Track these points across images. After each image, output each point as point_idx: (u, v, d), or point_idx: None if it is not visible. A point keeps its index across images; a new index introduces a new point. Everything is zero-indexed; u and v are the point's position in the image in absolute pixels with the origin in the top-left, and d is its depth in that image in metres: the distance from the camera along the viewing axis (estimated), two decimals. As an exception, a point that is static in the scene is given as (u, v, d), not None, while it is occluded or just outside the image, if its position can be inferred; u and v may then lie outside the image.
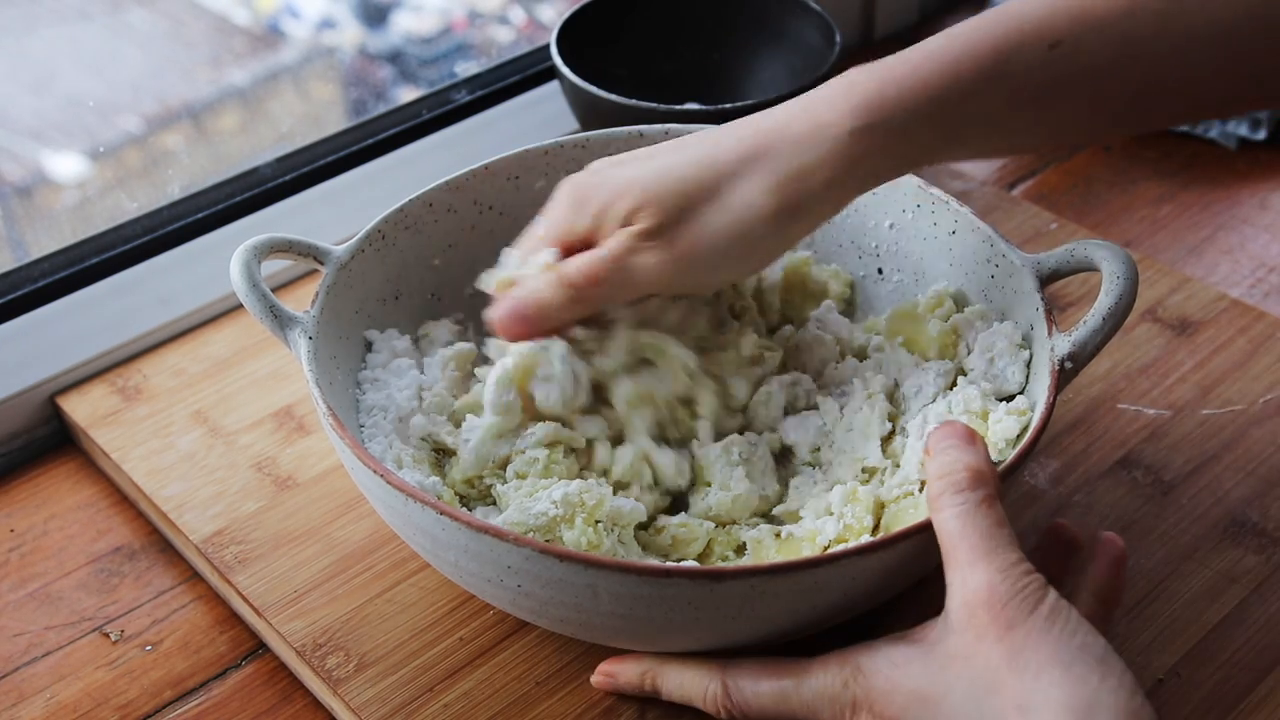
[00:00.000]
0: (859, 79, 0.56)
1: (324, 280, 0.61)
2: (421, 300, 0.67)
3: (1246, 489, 0.67)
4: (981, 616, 0.48)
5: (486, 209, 0.69)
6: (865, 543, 0.51)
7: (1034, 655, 0.47)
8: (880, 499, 0.58)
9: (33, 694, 0.61)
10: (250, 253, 0.60)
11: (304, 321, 0.59)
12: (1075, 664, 0.46)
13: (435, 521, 0.52)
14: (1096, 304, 0.58)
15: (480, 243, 0.69)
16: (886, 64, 0.56)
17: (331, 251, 0.62)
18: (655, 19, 0.90)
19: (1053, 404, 0.56)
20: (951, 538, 0.50)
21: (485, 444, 0.60)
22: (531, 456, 0.59)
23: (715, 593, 0.50)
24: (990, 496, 0.51)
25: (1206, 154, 0.93)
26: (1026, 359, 0.61)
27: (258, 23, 1.24)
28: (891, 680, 0.50)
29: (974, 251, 0.65)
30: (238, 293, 0.59)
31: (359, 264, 0.63)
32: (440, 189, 0.67)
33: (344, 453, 0.55)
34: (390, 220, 0.65)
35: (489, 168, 0.68)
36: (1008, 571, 0.49)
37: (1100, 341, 0.58)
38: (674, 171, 0.57)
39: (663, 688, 0.55)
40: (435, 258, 0.68)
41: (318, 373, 0.57)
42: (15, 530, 0.68)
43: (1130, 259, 0.59)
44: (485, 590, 0.54)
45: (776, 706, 0.52)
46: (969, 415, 0.59)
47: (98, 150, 0.99)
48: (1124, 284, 0.58)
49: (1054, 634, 0.47)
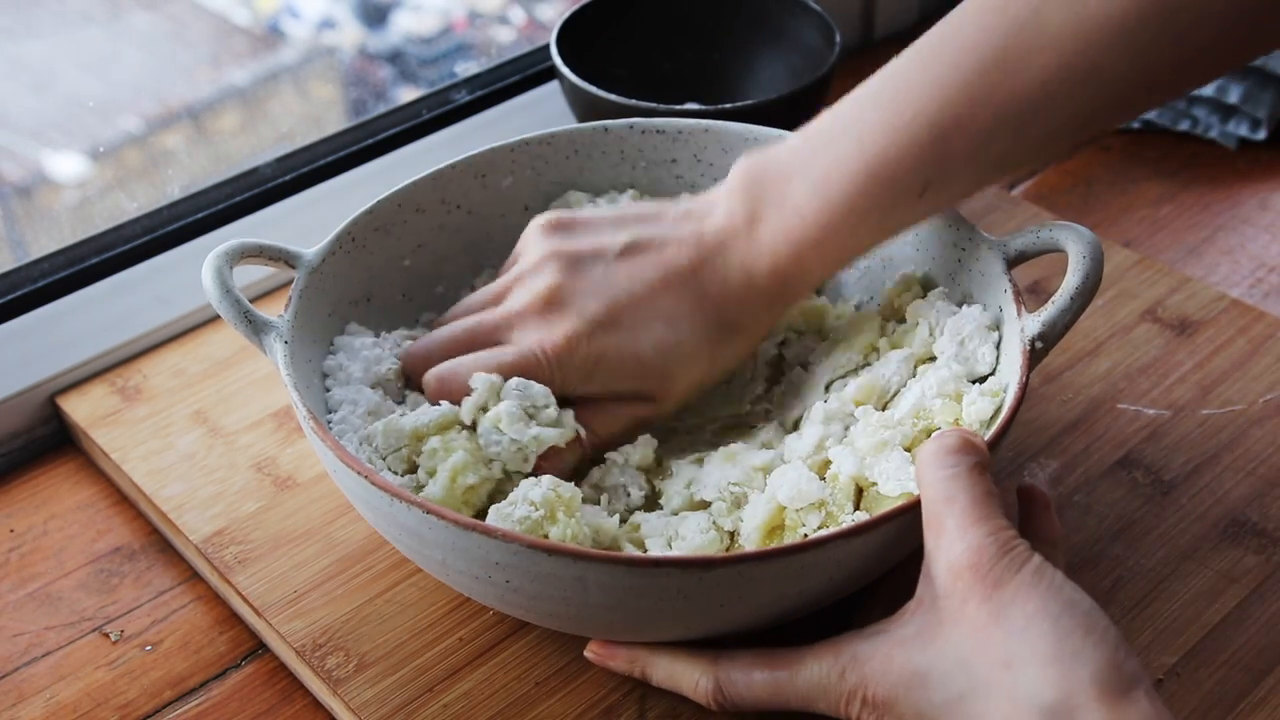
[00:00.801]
0: (778, 246, 0.61)
1: (296, 284, 0.61)
2: (393, 301, 0.67)
3: (1246, 489, 0.67)
4: (968, 578, 0.48)
5: (454, 208, 0.69)
6: (852, 525, 0.51)
7: (1021, 610, 0.47)
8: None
9: (33, 694, 0.61)
10: (221, 259, 0.60)
11: (278, 326, 0.59)
12: (1062, 617, 0.47)
13: (421, 520, 0.52)
14: (1064, 283, 0.58)
15: (449, 241, 0.69)
16: (785, 219, 0.60)
17: (302, 255, 0.62)
18: (655, 19, 0.90)
19: (1025, 384, 0.56)
20: (938, 503, 0.50)
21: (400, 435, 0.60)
22: (431, 448, 0.59)
23: (705, 580, 0.50)
24: (980, 465, 0.51)
25: (1206, 154, 0.93)
26: (996, 340, 0.61)
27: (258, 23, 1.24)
28: (886, 660, 0.50)
29: (940, 235, 0.65)
30: (211, 300, 0.59)
31: (330, 266, 0.63)
32: (408, 189, 0.67)
33: (325, 455, 0.55)
34: (359, 222, 0.65)
35: (455, 166, 0.68)
36: (996, 535, 0.49)
37: (1069, 320, 0.58)
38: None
39: (653, 676, 0.55)
40: (405, 258, 0.68)
41: (296, 377, 0.57)
42: (15, 530, 0.68)
43: (1095, 238, 0.59)
44: (474, 588, 0.55)
45: (771, 698, 0.53)
46: (942, 398, 0.59)
47: (98, 150, 0.99)
48: (1089, 263, 0.58)
49: (1041, 589, 0.47)
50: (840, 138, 0.59)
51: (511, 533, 0.51)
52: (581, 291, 0.61)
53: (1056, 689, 0.45)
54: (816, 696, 0.51)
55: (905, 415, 0.59)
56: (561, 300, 0.61)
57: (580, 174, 0.71)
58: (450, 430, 0.59)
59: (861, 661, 0.51)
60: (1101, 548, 0.65)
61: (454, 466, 0.57)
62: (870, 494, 0.57)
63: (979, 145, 0.57)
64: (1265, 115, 0.92)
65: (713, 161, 0.71)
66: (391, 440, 0.59)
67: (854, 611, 0.58)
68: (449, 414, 0.59)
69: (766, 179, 0.61)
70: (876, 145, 0.58)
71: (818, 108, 0.83)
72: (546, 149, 0.70)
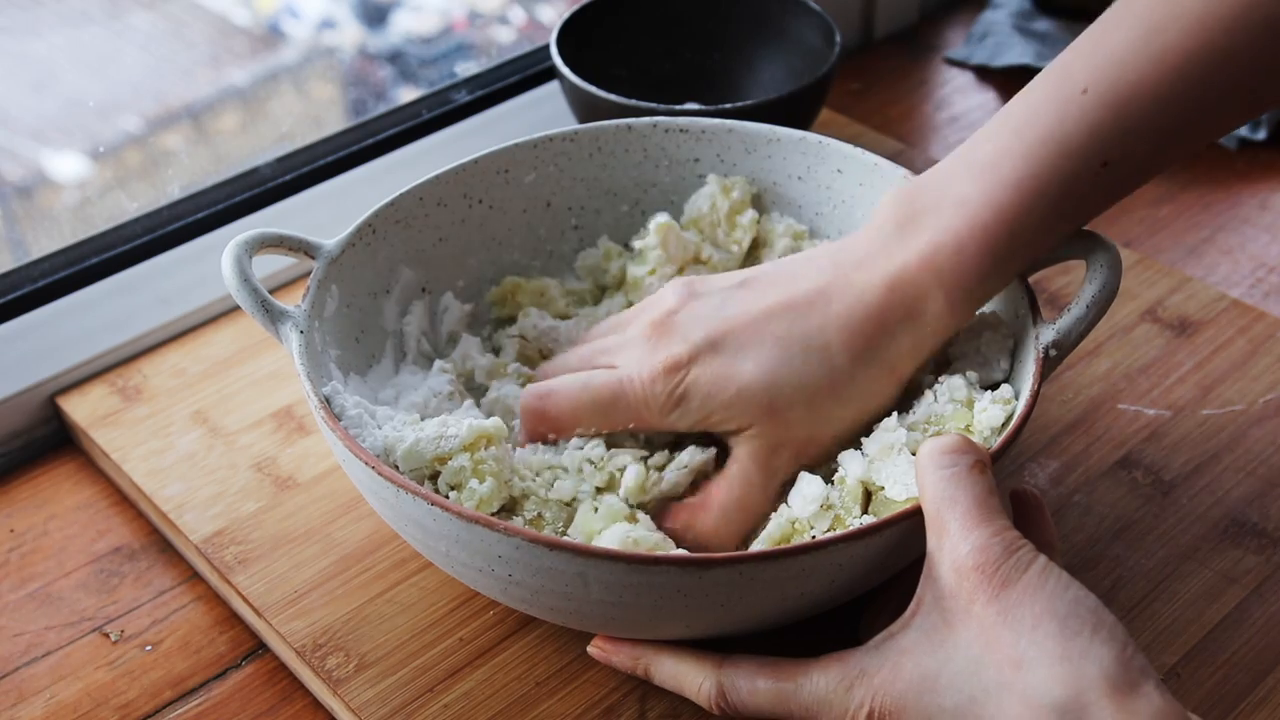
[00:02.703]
0: (942, 259, 0.56)
1: (315, 274, 0.62)
2: (412, 294, 0.67)
3: (1246, 489, 0.67)
4: (973, 579, 0.48)
5: (476, 202, 0.69)
6: (854, 529, 0.51)
7: (1029, 610, 0.47)
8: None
9: (33, 694, 0.61)
10: (241, 248, 0.60)
11: (295, 315, 0.59)
12: (1070, 617, 0.47)
13: (427, 512, 0.52)
14: (1081, 291, 0.58)
15: (470, 236, 0.69)
16: (958, 228, 0.56)
17: (322, 246, 0.63)
18: (655, 19, 0.90)
19: (1037, 391, 0.56)
20: (939, 503, 0.50)
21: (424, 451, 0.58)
22: (458, 465, 0.57)
23: (704, 580, 0.50)
24: (981, 463, 0.51)
25: (1206, 154, 0.93)
26: (1011, 347, 0.61)
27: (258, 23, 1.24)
28: (894, 669, 0.50)
29: None
30: (229, 288, 0.59)
31: (349, 258, 0.64)
32: (430, 183, 0.67)
33: (336, 445, 0.56)
34: (381, 214, 0.65)
35: (479, 161, 0.69)
36: (1001, 534, 0.49)
37: (1084, 329, 0.58)
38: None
39: (655, 675, 0.55)
40: (425, 251, 0.68)
41: (309, 366, 0.58)
42: (15, 530, 0.68)
43: (1114, 246, 0.59)
44: (477, 580, 0.55)
45: (773, 707, 0.52)
46: (954, 404, 0.59)
47: (98, 150, 0.99)
48: (1108, 272, 0.58)
49: (1048, 589, 0.47)
50: (1004, 123, 0.55)
51: (514, 527, 0.51)
52: (693, 317, 0.59)
53: (1068, 687, 0.45)
54: (821, 710, 0.51)
55: (918, 420, 0.59)
56: (671, 326, 0.59)
57: (603, 171, 0.72)
58: (478, 449, 0.58)
59: (870, 675, 0.50)
60: (1101, 548, 0.65)
61: (481, 498, 0.57)
62: (879, 498, 0.57)
63: (1161, 108, 0.53)
64: (1265, 115, 0.92)
65: (736, 161, 0.71)
66: (410, 463, 0.57)
67: (859, 618, 0.58)
68: (480, 431, 0.57)
69: (920, 190, 0.57)
70: (1048, 117, 0.54)
71: (818, 108, 0.83)
72: (570, 146, 0.71)
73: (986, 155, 0.55)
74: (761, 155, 0.71)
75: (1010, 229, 0.55)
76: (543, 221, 0.72)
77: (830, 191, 0.70)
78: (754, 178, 0.71)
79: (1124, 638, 0.47)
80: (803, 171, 0.71)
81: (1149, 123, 0.54)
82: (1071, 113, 0.54)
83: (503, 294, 0.70)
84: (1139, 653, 0.47)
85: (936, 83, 1.01)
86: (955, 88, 1.01)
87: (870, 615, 0.57)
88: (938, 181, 0.57)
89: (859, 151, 0.68)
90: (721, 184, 0.71)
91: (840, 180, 0.70)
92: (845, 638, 0.54)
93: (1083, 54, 0.55)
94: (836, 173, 0.70)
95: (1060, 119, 0.54)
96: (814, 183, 0.70)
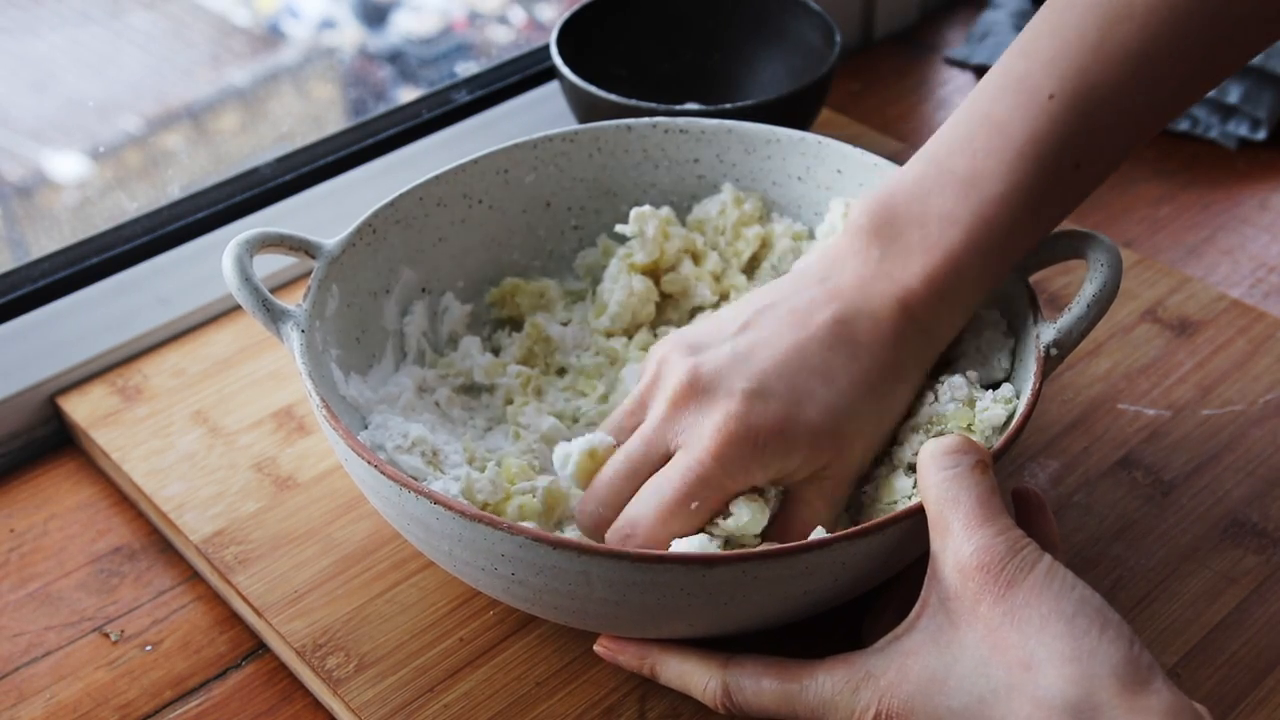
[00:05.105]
0: (910, 301, 0.57)
1: (316, 274, 0.62)
2: (412, 294, 0.68)
3: (1246, 489, 0.67)
4: (978, 579, 0.48)
5: (476, 202, 0.69)
6: (857, 528, 0.51)
7: (1036, 610, 0.47)
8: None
9: (33, 694, 0.61)
10: (242, 247, 0.60)
11: (296, 315, 0.59)
12: (1077, 616, 0.47)
13: (429, 511, 0.52)
14: (1081, 290, 0.58)
15: (470, 236, 0.69)
16: (923, 256, 0.57)
17: (323, 245, 0.63)
18: (655, 19, 0.90)
19: (1039, 391, 0.56)
20: (941, 503, 0.50)
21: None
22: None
23: (707, 579, 0.50)
24: (983, 463, 0.51)
25: (1206, 154, 0.93)
26: (1011, 346, 0.61)
27: (258, 23, 1.24)
28: (901, 670, 0.50)
29: None
30: (230, 287, 0.59)
31: (350, 257, 0.64)
32: (430, 183, 0.67)
33: (337, 444, 0.56)
34: (381, 214, 0.65)
35: (478, 161, 0.69)
36: (1004, 534, 0.49)
37: (1085, 328, 0.58)
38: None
39: (661, 674, 0.55)
40: (425, 251, 0.68)
41: (310, 365, 0.58)
42: (15, 530, 0.68)
43: (1114, 246, 0.59)
44: (479, 579, 0.55)
45: (778, 707, 0.52)
46: (956, 403, 0.59)
47: (98, 150, 0.99)
48: (1108, 271, 0.58)
49: (1054, 589, 0.47)
50: (975, 136, 0.56)
51: (517, 525, 0.51)
52: (720, 370, 0.55)
53: (1078, 687, 0.46)
54: (827, 712, 0.51)
55: (920, 421, 0.59)
56: (704, 383, 0.55)
57: (602, 171, 0.72)
58: (521, 495, 0.58)
59: (876, 676, 0.50)
60: (1102, 548, 0.65)
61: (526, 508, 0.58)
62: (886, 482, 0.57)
63: (1124, 104, 0.55)
64: (1265, 115, 0.92)
65: (735, 162, 0.71)
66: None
67: (861, 620, 0.58)
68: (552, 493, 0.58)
69: (896, 205, 0.57)
70: (1020, 128, 0.55)
71: (818, 108, 0.83)
72: (570, 146, 0.71)
73: (965, 169, 0.56)
74: (761, 156, 0.71)
75: (1000, 242, 0.57)
76: (542, 221, 0.72)
77: (830, 191, 0.70)
78: (754, 178, 0.71)
79: (1130, 635, 0.47)
80: (802, 172, 0.71)
81: (1114, 120, 0.55)
82: (1043, 122, 0.55)
83: (502, 294, 0.70)
84: (1145, 649, 0.47)
85: (936, 83, 1.01)
86: (955, 88, 1.01)
87: (872, 618, 0.57)
88: (915, 194, 0.57)
89: (859, 152, 0.68)
90: (735, 195, 0.71)
91: (840, 180, 0.70)
92: (850, 638, 0.54)
93: (1041, 57, 0.56)
94: (836, 173, 0.70)
95: (1033, 129, 0.55)
96: (814, 183, 0.70)
